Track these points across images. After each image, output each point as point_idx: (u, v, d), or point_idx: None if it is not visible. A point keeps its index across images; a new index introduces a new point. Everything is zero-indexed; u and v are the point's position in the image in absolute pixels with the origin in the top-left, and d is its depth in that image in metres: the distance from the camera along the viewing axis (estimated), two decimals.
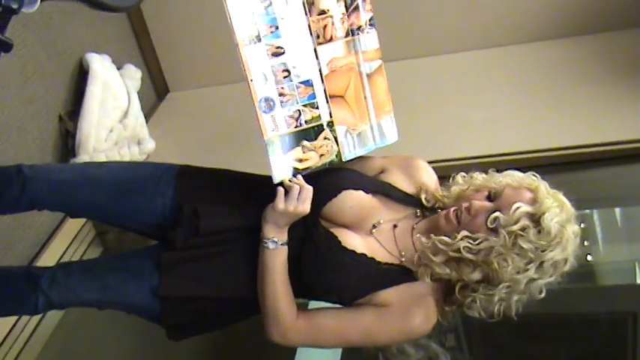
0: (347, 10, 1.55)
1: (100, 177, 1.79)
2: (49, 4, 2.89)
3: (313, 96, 1.54)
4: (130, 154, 3.10)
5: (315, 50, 1.52)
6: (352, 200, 1.57)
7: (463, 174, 1.66)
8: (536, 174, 1.55)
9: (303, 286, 1.57)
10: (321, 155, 1.56)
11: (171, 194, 1.74)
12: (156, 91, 4.00)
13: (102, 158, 2.91)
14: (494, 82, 3.31)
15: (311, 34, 1.51)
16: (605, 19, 3.42)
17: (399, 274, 1.54)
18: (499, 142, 2.80)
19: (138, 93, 3.39)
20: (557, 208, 1.44)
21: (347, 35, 1.56)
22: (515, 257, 1.42)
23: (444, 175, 1.75)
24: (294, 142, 1.53)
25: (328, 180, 1.59)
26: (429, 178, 1.69)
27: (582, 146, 2.73)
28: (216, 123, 3.33)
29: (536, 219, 1.43)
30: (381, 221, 1.61)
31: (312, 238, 1.56)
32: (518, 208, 1.43)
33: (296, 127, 1.53)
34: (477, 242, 1.45)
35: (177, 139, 3.49)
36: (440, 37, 3.63)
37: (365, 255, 1.53)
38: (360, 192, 1.59)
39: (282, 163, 1.52)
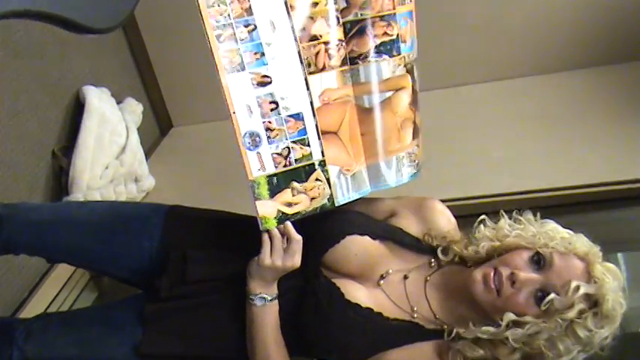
0: (346, 36, 1.39)
1: (81, 218, 1.68)
2: (43, 33, 2.78)
3: (304, 131, 1.38)
4: (126, 192, 2.97)
5: (305, 80, 1.36)
6: (357, 247, 1.43)
7: (487, 221, 1.49)
8: (570, 231, 1.40)
9: (302, 343, 1.43)
10: (312, 199, 1.40)
11: (159, 237, 1.62)
12: (159, 126, 3.89)
13: (96, 196, 2.79)
14: (515, 115, 3.17)
15: (301, 62, 1.35)
16: (632, 47, 3.31)
17: (410, 332, 1.39)
18: (521, 180, 2.65)
19: (139, 128, 3.28)
20: (615, 285, 1.30)
21: (343, 64, 1.40)
22: (565, 340, 1.27)
23: (463, 214, 1.62)
24: (282, 183, 1.37)
25: (331, 224, 1.45)
26: (445, 222, 1.53)
27: (610, 183, 2.57)
28: (222, 160, 3.06)
29: (593, 300, 1.27)
30: (390, 271, 1.46)
31: (311, 290, 1.42)
32: (577, 289, 1.26)
33: (285, 166, 1.36)
34: (525, 329, 1.28)
35: (180, 177, 3.36)
36: (457, 68, 3.52)
37: (371, 310, 1.38)
38: (367, 238, 1.44)
39: (268, 208, 1.36)
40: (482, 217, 1.49)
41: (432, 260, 1.48)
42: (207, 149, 3.55)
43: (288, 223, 1.37)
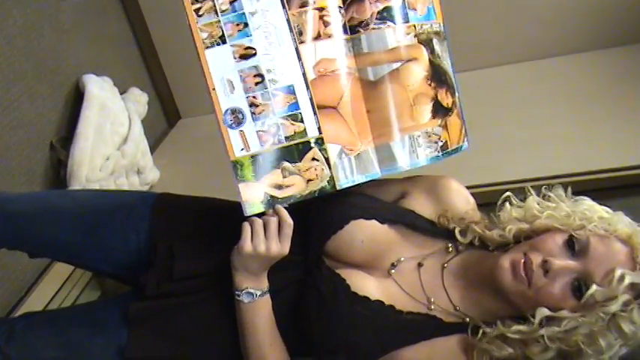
0: (344, 2, 1.30)
1: (63, 208, 1.57)
2: (40, 19, 2.67)
3: (296, 106, 1.27)
4: (128, 184, 2.86)
5: (296, 50, 1.26)
6: (363, 232, 1.31)
7: (513, 198, 1.35)
8: (608, 210, 1.25)
9: (304, 343, 1.30)
10: (309, 181, 1.28)
11: (146, 228, 1.52)
12: (166, 118, 3.78)
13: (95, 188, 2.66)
14: (541, 95, 3.01)
15: (291, 30, 1.26)
16: None
17: (427, 326, 1.26)
18: (548, 164, 2.49)
19: (145, 120, 3.20)
20: None
21: (343, 33, 1.30)
22: (607, 336, 1.12)
23: (488, 202, 1.46)
24: (270, 163, 1.27)
25: (333, 208, 1.34)
26: (462, 202, 1.41)
27: None
28: None
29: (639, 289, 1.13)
30: (402, 259, 1.33)
31: (313, 282, 1.30)
32: (621, 278, 1.11)
33: (273, 144, 1.26)
34: (562, 325, 1.13)
35: (187, 169, 3.24)
36: (478, 50, 3.37)
37: (381, 302, 1.25)
38: (374, 222, 1.32)
39: (254, 191, 1.26)
40: (507, 194, 1.35)
41: (450, 245, 1.35)
42: (216, 141, 3.42)
43: (278, 205, 1.26)
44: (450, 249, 1.35)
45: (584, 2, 3.16)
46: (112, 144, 2.81)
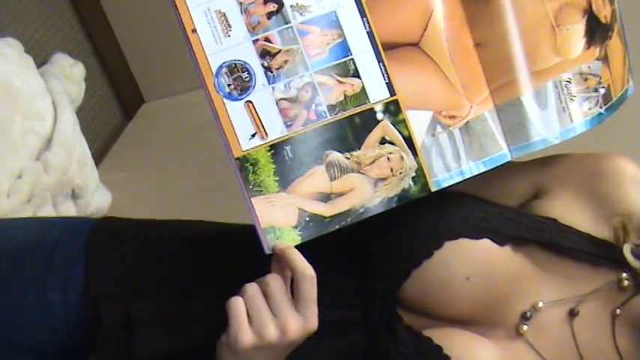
0: None
1: None
2: None
3: (344, 48, 1.19)
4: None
5: None
6: (468, 262, 1.24)
7: None
8: None
9: None
10: (379, 181, 1.21)
11: (80, 279, 1.45)
12: (121, 104, 3.85)
13: None
14: None
15: None
16: None
17: None
18: None
19: (85, 108, 3.29)
20: None
21: None
22: None
23: None
24: (306, 157, 1.18)
25: (413, 219, 1.27)
26: None
27: None
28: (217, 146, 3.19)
29: None
30: (540, 304, 1.24)
31: (385, 354, 1.24)
32: None
33: (308, 121, 1.19)
34: None
35: (157, 187, 3.27)
36: None
37: None
38: (486, 242, 1.24)
39: (281, 209, 1.19)
40: None
41: (625, 276, 1.24)
42: (210, 130, 3.39)
43: (281, 246, 1.18)
44: (626, 282, 1.24)
45: None
46: (27, 151, 2.74)
